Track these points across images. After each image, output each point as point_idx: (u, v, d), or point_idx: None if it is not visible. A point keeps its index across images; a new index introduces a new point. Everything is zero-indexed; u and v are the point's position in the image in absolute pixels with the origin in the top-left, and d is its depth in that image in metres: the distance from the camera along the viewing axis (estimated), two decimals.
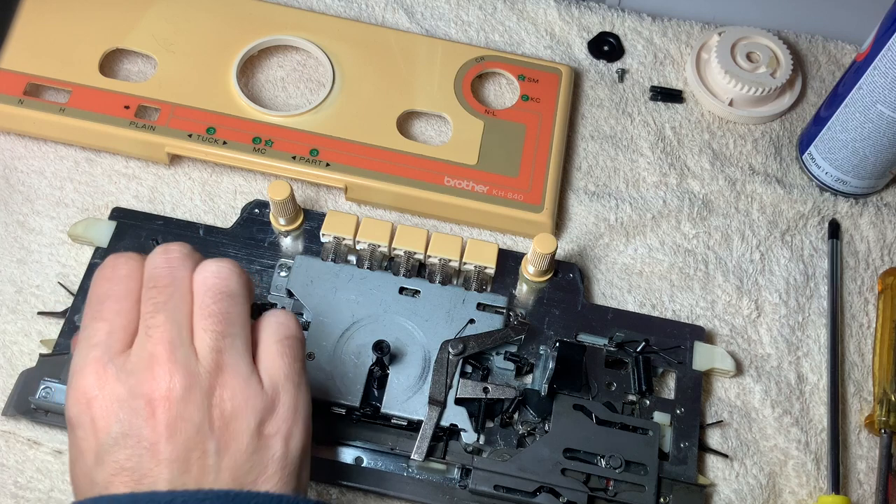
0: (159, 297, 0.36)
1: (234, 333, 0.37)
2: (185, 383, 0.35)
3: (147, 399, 0.34)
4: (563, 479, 0.46)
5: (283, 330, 0.38)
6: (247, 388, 0.36)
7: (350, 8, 0.63)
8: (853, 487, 0.51)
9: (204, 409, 0.35)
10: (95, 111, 0.55)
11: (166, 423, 0.34)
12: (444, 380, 0.48)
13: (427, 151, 0.56)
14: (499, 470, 0.46)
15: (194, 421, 0.34)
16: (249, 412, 0.36)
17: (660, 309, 0.55)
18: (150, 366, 0.35)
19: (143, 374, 0.35)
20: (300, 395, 0.38)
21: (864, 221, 0.59)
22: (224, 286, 0.37)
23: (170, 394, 0.34)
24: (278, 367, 0.37)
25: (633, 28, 0.64)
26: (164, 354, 0.35)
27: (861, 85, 0.53)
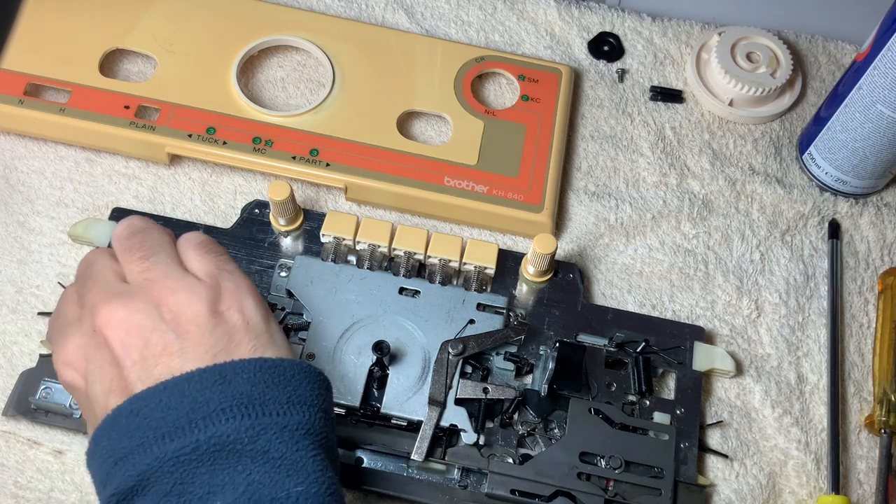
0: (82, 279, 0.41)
1: (157, 251, 0.40)
2: (122, 303, 0.38)
3: (98, 330, 0.38)
4: (580, 482, 0.46)
5: (195, 238, 0.42)
6: (185, 282, 0.39)
7: (350, 8, 0.63)
8: (853, 487, 0.51)
9: (151, 312, 0.37)
10: (95, 111, 0.55)
11: (119, 339, 0.37)
12: (444, 380, 0.48)
13: (427, 151, 0.56)
14: (515, 474, 0.46)
15: (146, 325, 0.37)
16: (196, 298, 0.38)
17: (660, 309, 0.55)
18: (93, 310, 0.38)
19: (88, 319, 0.38)
20: (237, 277, 0.40)
21: (864, 221, 0.59)
22: (133, 227, 0.41)
23: (112, 316, 0.37)
24: (206, 263, 0.40)
25: (633, 28, 0.64)
26: (99, 297, 0.38)
27: (861, 85, 0.53)
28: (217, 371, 0.36)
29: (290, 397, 0.37)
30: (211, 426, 0.35)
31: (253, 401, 0.36)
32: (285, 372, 0.37)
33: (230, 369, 0.36)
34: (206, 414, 0.35)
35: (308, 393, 0.38)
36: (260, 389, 0.36)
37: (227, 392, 0.36)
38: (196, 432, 0.35)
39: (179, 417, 0.35)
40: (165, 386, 0.36)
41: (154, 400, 0.36)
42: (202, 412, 0.35)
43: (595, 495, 0.46)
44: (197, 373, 0.36)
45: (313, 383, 0.38)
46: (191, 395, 0.35)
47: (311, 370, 0.39)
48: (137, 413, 0.35)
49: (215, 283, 0.39)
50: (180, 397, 0.35)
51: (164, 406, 0.35)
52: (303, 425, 0.36)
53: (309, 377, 0.38)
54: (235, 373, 0.36)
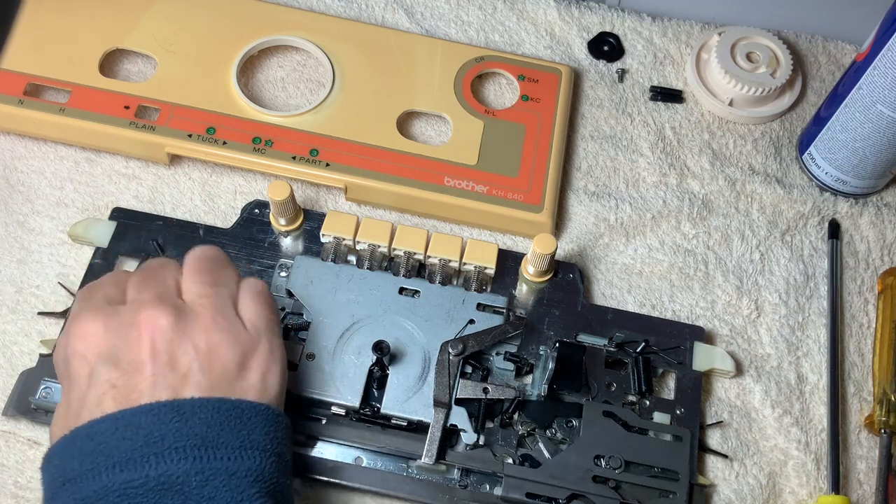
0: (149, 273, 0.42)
1: (222, 285, 0.42)
2: (172, 315, 0.39)
3: (137, 326, 0.38)
4: (594, 486, 0.46)
5: (258, 286, 0.43)
6: (232, 327, 0.40)
7: (350, 8, 0.63)
8: (853, 487, 0.51)
9: (189, 335, 0.38)
10: (95, 111, 0.55)
11: (150, 345, 0.38)
12: (447, 381, 0.48)
13: (427, 151, 0.56)
14: (530, 477, 0.46)
15: (179, 344, 0.38)
16: (234, 345, 0.39)
17: (660, 309, 0.55)
18: (142, 304, 0.39)
19: (132, 311, 0.39)
20: (276, 342, 0.42)
21: (864, 221, 0.59)
22: (209, 255, 0.43)
23: (157, 322, 0.38)
24: (259, 314, 0.42)
25: (633, 28, 0.64)
26: (155, 296, 0.40)
27: (861, 85, 0.53)
28: (175, 407, 0.37)
29: (244, 442, 0.37)
30: (162, 464, 0.35)
31: (206, 443, 0.36)
32: (242, 415, 0.38)
33: (188, 407, 0.37)
34: (160, 451, 0.35)
35: (262, 437, 0.38)
36: (214, 432, 0.37)
37: (182, 431, 0.36)
38: (147, 467, 0.35)
39: (133, 449, 0.35)
40: (123, 415, 0.36)
41: (111, 427, 0.36)
42: (156, 448, 0.35)
43: (610, 498, 0.46)
44: (156, 406, 0.36)
45: (269, 426, 0.39)
46: (147, 428, 0.36)
47: (269, 413, 0.39)
48: (93, 438, 0.36)
49: (256, 339, 0.40)
50: (136, 429, 0.36)
51: (119, 435, 0.36)
52: (252, 471, 0.37)
53: (266, 420, 0.39)
54: (193, 412, 0.37)
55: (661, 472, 0.47)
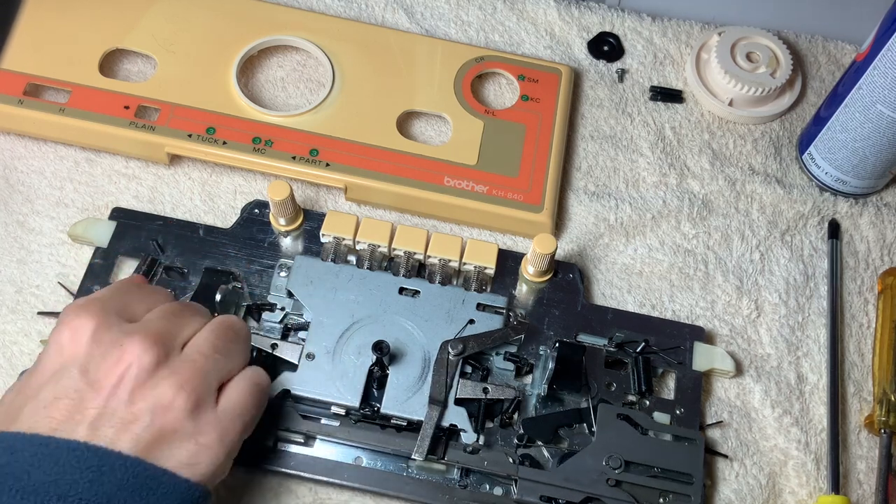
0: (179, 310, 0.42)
1: (225, 355, 0.41)
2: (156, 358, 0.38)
3: (121, 351, 0.38)
4: (609, 489, 0.46)
5: (258, 377, 0.43)
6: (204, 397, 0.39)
7: (350, 8, 0.63)
8: (853, 487, 0.51)
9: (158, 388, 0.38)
10: (95, 111, 0.55)
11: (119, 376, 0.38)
12: (444, 380, 0.48)
13: (427, 151, 0.56)
14: (544, 480, 0.46)
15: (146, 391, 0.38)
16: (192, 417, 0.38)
17: (660, 309, 0.55)
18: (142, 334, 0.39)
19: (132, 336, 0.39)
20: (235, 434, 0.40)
21: (864, 221, 0.59)
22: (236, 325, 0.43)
23: (140, 359, 0.38)
24: (239, 403, 0.41)
25: (632, 28, 0.64)
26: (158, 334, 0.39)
27: (861, 85, 0.53)
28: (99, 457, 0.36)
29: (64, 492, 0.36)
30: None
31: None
32: (159, 488, 0.37)
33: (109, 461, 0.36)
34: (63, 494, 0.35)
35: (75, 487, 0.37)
36: (123, 495, 0.36)
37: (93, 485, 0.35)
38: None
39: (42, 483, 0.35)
40: (49, 442, 0.36)
41: (32, 451, 0.35)
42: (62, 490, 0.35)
43: (625, 501, 0.46)
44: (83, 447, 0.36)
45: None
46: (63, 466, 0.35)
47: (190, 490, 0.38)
48: (13, 452, 0.35)
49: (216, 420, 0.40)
50: (53, 464, 0.35)
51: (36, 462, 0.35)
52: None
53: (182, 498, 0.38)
54: (112, 468, 0.36)
55: (676, 475, 0.47)
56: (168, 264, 0.51)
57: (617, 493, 0.46)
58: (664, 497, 0.47)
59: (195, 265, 0.51)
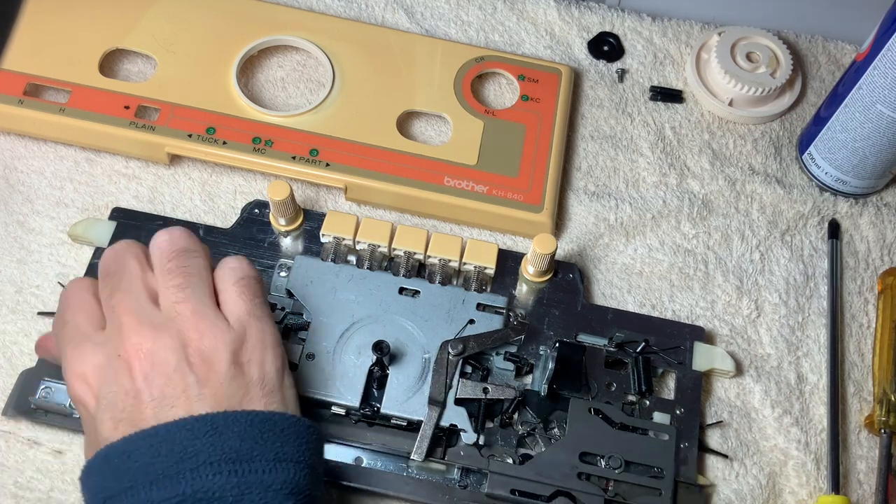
0: (112, 281, 0.41)
1: (194, 283, 0.40)
2: (152, 336, 0.38)
3: (123, 357, 0.38)
4: (580, 483, 0.46)
5: (237, 273, 0.42)
6: (214, 327, 0.39)
7: (350, 8, 0.63)
8: (853, 487, 0.51)
9: (178, 351, 0.38)
10: (95, 111, 0.55)
11: (143, 372, 0.37)
12: (443, 380, 0.48)
13: (427, 151, 0.56)
14: (515, 474, 0.46)
15: (170, 363, 0.38)
16: (222, 346, 0.39)
17: (660, 309, 0.55)
18: (120, 331, 0.39)
19: (115, 339, 0.39)
20: (265, 326, 0.41)
21: (864, 221, 0.59)
22: (176, 245, 0.42)
23: (140, 347, 0.38)
24: (239, 305, 0.41)
25: (633, 28, 0.64)
26: (129, 319, 0.39)
27: (861, 85, 0.53)
28: (209, 421, 0.36)
29: (278, 454, 0.37)
30: (198, 479, 0.35)
31: (241, 456, 0.36)
32: (274, 427, 0.38)
33: (221, 421, 0.37)
34: (195, 466, 0.35)
35: (295, 449, 0.38)
36: (248, 445, 0.37)
37: (216, 445, 0.36)
38: (183, 484, 0.35)
39: (169, 466, 0.35)
40: (157, 431, 0.36)
41: (146, 444, 0.36)
42: (191, 463, 0.35)
43: (595, 495, 0.46)
44: (190, 420, 0.36)
45: (302, 438, 0.39)
46: (181, 443, 0.36)
47: (301, 424, 0.39)
48: (129, 455, 0.36)
49: (242, 331, 0.40)
50: (171, 445, 0.36)
51: (154, 451, 0.36)
52: (287, 484, 0.37)
53: (298, 432, 0.38)
54: (227, 425, 0.37)
55: (647, 469, 0.47)
56: None
57: (587, 486, 0.46)
58: (635, 491, 0.47)
59: None
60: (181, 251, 0.41)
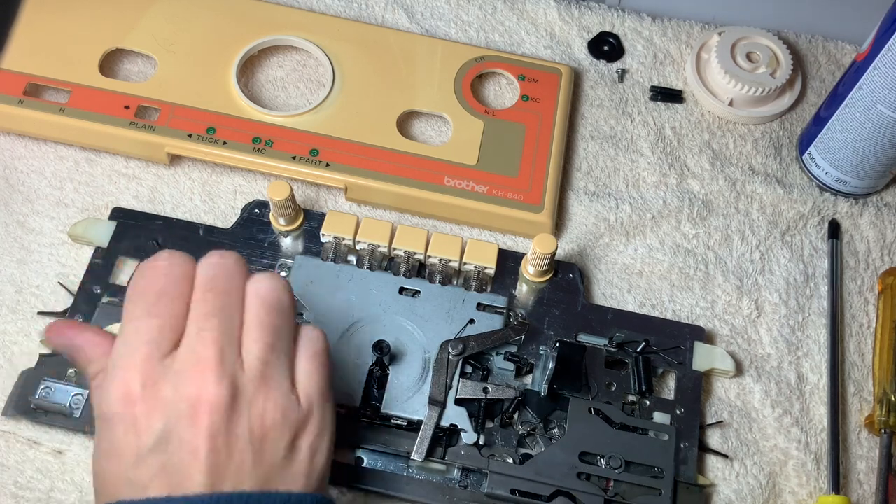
0: (216, 302, 0.37)
1: (281, 348, 0.38)
2: (231, 392, 0.35)
3: (193, 402, 0.35)
4: (580, 482, 0.46)
5: (315, 345, 0.39)
6: (287, 403, 0.37)
7: (350, 8, 0.63)
8: (853, 487, 0.51)
9: (245, 419, 0.35)
10: (95, 111, 0.55)
11: (209, 428, 0.34)
12: (444, 380, 0.48)
13: (427, 151, 0.56)
14: (515, 474, 0.46)
15: (237, 430, 0.35)
16: (286, 426, 0.37)
17: (660, 309, 0.55)
18: (199, 369, 0.35)
19: (190, 376, 0.35)
20: (328, 411, 0.39)
21: (864, 221, 0.59)
22: (278, 300, 0.38)
23: (217, 400, 0.35)
24: (314, 383, 0.38)
25: (633, 28, 0.64)
26: (213, 359, 0.35)
27: (861, 85, 0.53)
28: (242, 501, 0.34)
29: None
30: None
31: None
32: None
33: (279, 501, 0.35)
34: None
35: None
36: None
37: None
38: None
39: None
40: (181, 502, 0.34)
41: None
42: None
43: (595, 495, 0.46)
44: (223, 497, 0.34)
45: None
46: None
47: None
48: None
49: (308, 410, 0.38)
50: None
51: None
52: None
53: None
54: None
55: (647, 469, 0.47)
56: None
57: (587, 486, 0.46)
58: (635, 491, 0.47)
59: None
60: (281, 310, 0.38)
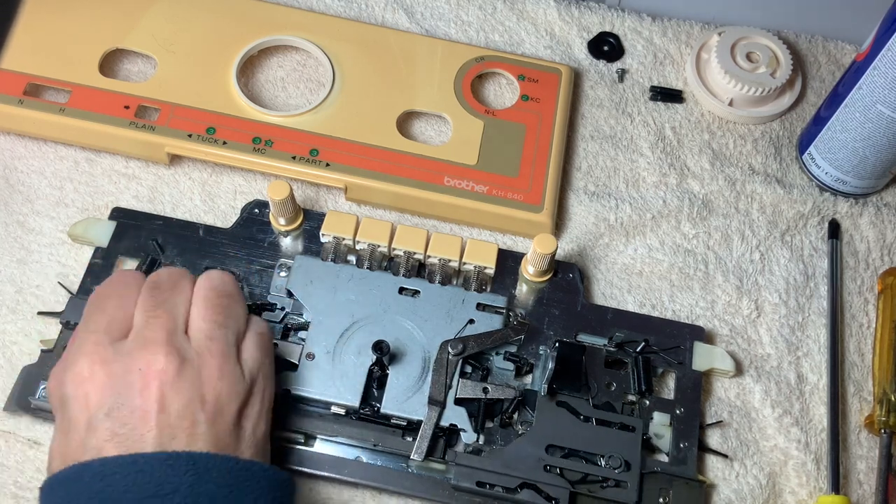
0: (161, 296, 0.41)
1: (229, 326, 0.42)
2: (178, 363, 0.38)
3: (142, 374, 0.38)
4: (546, 475, 0.46)
5: (258, 326, 0.43)
6: (234, 374, 0.40)
7: (350, 8, 0.63)
8: (853, 487, 0.51)
9: (196, 386, 0.38)
10: (95, 111, 0.55)
11: (158, 395, 0.37)
12: (443, 380, 0.48)
13: (427, 151, 0.56)
14: (481, 466, 0.46)
15: (186, 395, 0.38)
16: (234, 395, 0.40)
17: (660, 309, 0.55)
18: (147, 346, 0.39)
19: (139, 353, 0.38)
20: (268, 388, 0.43)
21: (864, 221, 0.59)
22: (224, 287, 0.43)
23: (164, 372, 0.38)
24: (256, 359, 0.42)
25: (633, 28, 0.64)
26: (161, 339, 0.39)
27: (861, 85, 0.53)
28: (192, 460, 0.36)
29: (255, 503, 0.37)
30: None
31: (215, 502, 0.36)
32: (252, 476, 0.38)
33: (203, 462, 0.37)
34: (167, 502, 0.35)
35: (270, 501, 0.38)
36: (224, 492, 0.37)
37: (195, 487, 0.36)
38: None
39: (143, 498, 0.35)
40: (136, 459, 0.36)
41: (123, 470, 0.35)
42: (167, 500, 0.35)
43: (560, 487, 0.46)
44: (173, 455, 0.36)
45: (276, 492, 0.39)
46: (159, 477, 0.35)
47: (277, 476, 0.39)
48: (103, 478, 0.35)
49: (251, 384, 0.41)
50: (149, 476, 0.35)
51: (130, 480, 0.35)
52: None
53: (272, 485, 0.39)
54: (207, 468, 0.37)
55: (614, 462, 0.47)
56: (168, 264, 0.51)
57: (553, 478, 0.46)
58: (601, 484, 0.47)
59: (195, 265, 0.51)
60: (228, 294, 0.43)
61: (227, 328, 0.41)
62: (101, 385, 0.38)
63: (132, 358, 0.38)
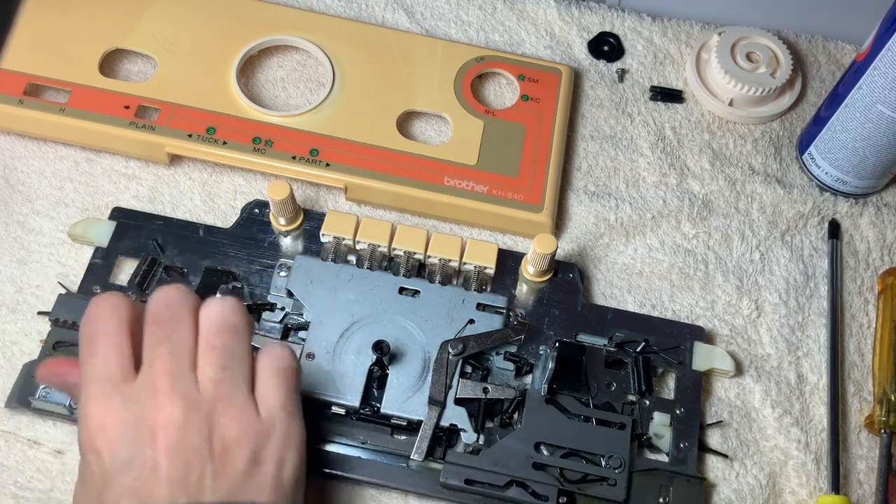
0: (160, 332, 0.39)
1: (235, 366, 0.39)
2: (184, 411, 0.37)
3: (149, 426, 0.37)
4: (534, 472, 0.46)
5: (279, 362, 0.41)
6: (243, 417, 0.38)
7: (350, 8, 0.63)
8: (853, 487, 0.51)
9: (203, 433, 0.37)
10: (95, 111, 0.55)
11: (166, 447, 0.36)
12: (443, 380, 0.48)
13: (427, 151, 0.56)
14: (469, 464, 0.46)
15: (194, 444, 0.37)
16: (246, 439, 0.38)
17: (660, 309, 0.55)
18: (153, 394, 0.37)
19: (146, 403, 0.37)
20: (293, 424, 0.40)
21: (864, 221, 0.59)
22: (227, 321, 0.40)
23: (170, 420, 0.37)
24: (274, 397, 0.40)
25: (633, 28, 0.64)
26: (166, 384, 0.38)
27: (861, 85, 0.53)
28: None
29: None
30: None
31: None
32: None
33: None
34: None
35: None
36: None
37: None
38: None
39: None
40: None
41: None
42: None
43: (549, 485, 0.46)
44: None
45: None
46: None
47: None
48: None
49: (270, 423, 0.39)
50: None
51: None
52: None
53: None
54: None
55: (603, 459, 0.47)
56: (168, 264, 0.51)
57: (542, 476, 0.46)
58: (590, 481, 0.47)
59: (195, 265, 0.51)
60: (230, 329, 0.40)
61: (234, 369, 0.39)
62: (112, 438, 0.37)
63: (139, 407, 0.37)
